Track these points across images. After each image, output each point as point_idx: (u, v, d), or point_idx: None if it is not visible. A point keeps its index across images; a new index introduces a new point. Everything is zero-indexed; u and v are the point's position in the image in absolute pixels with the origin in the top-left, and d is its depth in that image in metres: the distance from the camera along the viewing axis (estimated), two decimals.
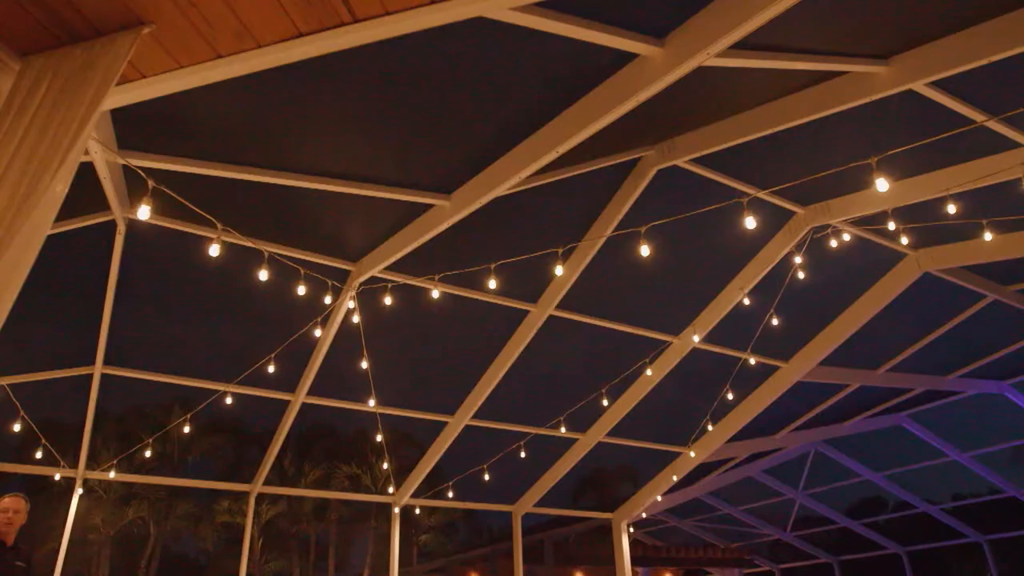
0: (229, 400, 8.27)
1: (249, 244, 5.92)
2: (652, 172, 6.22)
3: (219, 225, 5.22)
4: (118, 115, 4.62)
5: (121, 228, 5.99)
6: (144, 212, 4.48)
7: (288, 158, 5.32)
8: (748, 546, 20.14)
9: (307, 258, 6.56)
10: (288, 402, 8.76)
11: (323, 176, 5.49)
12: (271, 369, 7.62)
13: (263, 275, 5.62)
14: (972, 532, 16.63)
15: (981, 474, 14.62)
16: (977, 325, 9.62)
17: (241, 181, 5.32)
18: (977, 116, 5.21)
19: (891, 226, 7.00)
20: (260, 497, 10.20)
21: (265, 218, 6.14)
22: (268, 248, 5.96)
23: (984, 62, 4.46)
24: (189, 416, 8.51)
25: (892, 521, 17.97)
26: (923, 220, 6.95)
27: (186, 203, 5.15)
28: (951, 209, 6.00)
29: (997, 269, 8.49)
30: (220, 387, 8.23)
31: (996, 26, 4.40)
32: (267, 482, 10.14)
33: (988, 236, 6.69)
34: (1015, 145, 5.62)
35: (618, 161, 6.14)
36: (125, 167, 5.03)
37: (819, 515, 17.61)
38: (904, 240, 7.58)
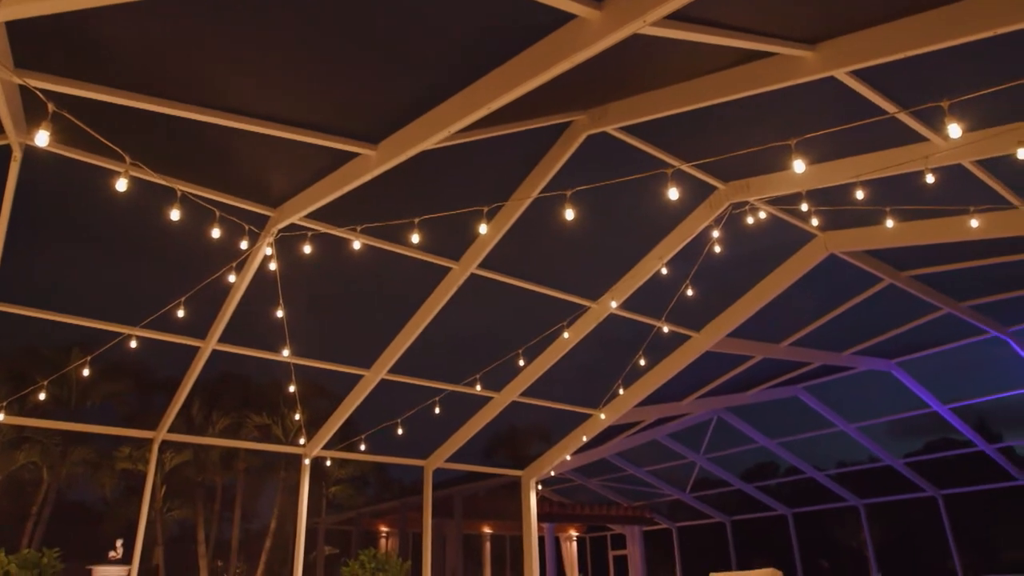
0: (134, 344, 7.93)
1: (161, 181, 5.63)
2: (582, 137, 6.25)
3: (127, 158, 4.93)
4: (15, 30, 4.26)
5: (17, 154, 5.56)
6: (43, 138, 4.18)
7: (208, 93, 5.05)
8: (649, 505, 21.11)
9: (224, 200, 6.30)
10: (198, 348, 8.47)
11: (245, 115, 5.24)
12: (180, 313, 7.33)
13: (175, 215, 5.36)
14: (851, 496, 18.00)
15: (864, 444, 15.77)
16: (872, 306, 10.25)
17: (155, 114, 5.02)
18: (889, 107, 5.46)
19: (804, 207, 7.32)
20: (164, 445, 9.88)
21: (180, 155, 5.84)
22: (181, 187, 5.69)
23: (901, 56, 4.66)
24: (89, 359, 8.12)
25: (782, 485, 19.18)
26: (832, 204, 7.28)
27: (92, 132, 4.82)
28: (859, 195, 6.31)
29: (894, 255, 9.03)
30: (124, 330, 7.87)
31: (917, 21, 4.58)
32: (172, 429, 9.84)
33: (889, 223, 7.09)
34: (921, 139, 5.93)
35: (549, 123, 6.13)
36: (23, 88, 4.66)
37: (717, 478, 18.61)
38: (814, 222, 7.95)
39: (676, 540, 21.86)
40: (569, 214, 5.71)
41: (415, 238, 6.18)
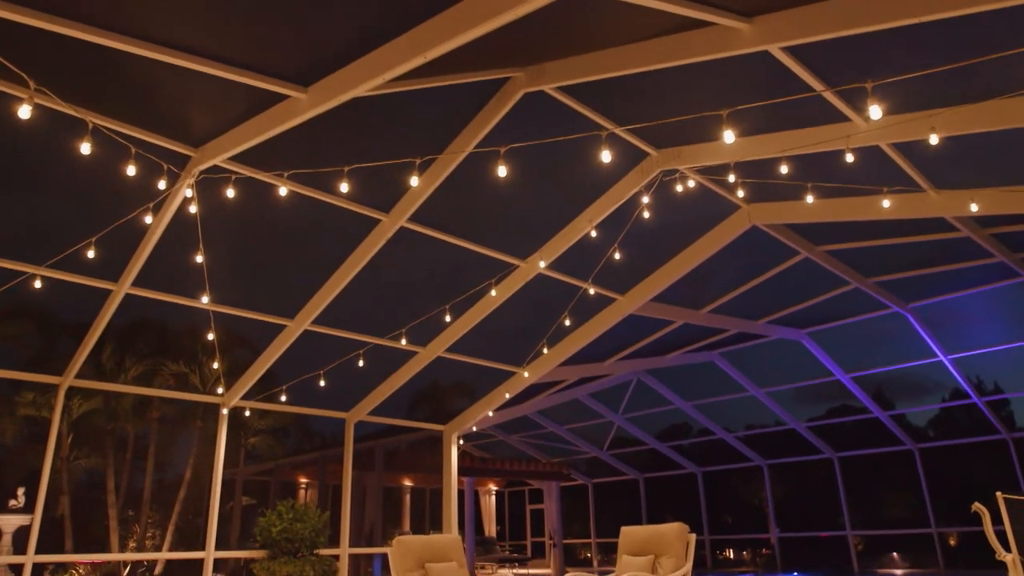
0: (38, 284, 7.49)
1: (70, 111, 5.27)
2: (519, 94, 6.19)
3: (32, 84, 4.59)
4: None
5: None
6: None
7: (127, 20, 4.71)
8: (567, 462, 21.72)
9: (141, 136, 5.95)
10: (110, 291, 8.09)
11: (167, 47, 4.93)
12: (91, 254, 6.96)
13: (86, 148, 5.04)
14: (756, 457, 19.04)
15: (771, 408, 16.63)
16: (788, 278, 10.72)
17: (65, 38, 4.66)
18: (817, 85, 5.63)
19: (731, 178, 7.52)
20: (72, 391, 9.46)
21: (92, 84, 5.46)
22: (93, 119, 5.35)
23: (833, 35, 4.78)
24: None
25: (694, 445, 20.08)
26: (758, 176, 7.51)
27: None
28: (783, 170, 6.52)
29: (812, 229, 9.43)
30: (28, 269, 7.41)
31: (851, 2, 4.70)
32: (81, 375, 9.42)
33: (810, 199, 7.38)
34: (844, 119, 6.16)
35: (487, 78, 6.05)
36: None
37: (633, 437, 19.30)
38: (740, 193, 8.18)
39: (592, 496, 22.64)
40: (502, 171, 5.69)
41: (344, 187, 6.04)
